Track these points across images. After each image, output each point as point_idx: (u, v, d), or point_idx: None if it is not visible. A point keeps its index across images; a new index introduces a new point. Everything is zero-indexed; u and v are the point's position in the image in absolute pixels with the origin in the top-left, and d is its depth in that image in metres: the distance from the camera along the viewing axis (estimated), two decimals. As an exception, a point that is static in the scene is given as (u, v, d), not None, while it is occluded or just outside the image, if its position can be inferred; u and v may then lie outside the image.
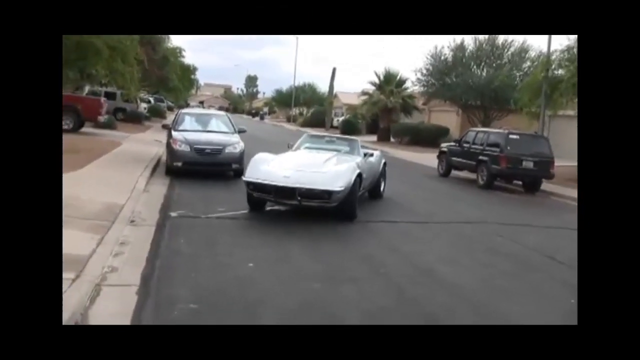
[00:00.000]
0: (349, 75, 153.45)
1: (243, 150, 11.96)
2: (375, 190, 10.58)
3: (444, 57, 29.72)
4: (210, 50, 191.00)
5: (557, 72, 17.90)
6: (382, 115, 33.65)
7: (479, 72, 29.27)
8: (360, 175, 8.51)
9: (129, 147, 15.79)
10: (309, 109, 60.61)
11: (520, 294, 5.64)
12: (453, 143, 17.05)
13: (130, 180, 9.84)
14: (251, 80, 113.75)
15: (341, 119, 45.16)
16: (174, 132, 12.31)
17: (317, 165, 8.50)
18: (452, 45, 29.52)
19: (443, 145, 17.70)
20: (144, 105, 34.31)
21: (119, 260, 5.43)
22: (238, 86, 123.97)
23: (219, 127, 13.32)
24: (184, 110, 15.62)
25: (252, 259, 5.93)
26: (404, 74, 35.80)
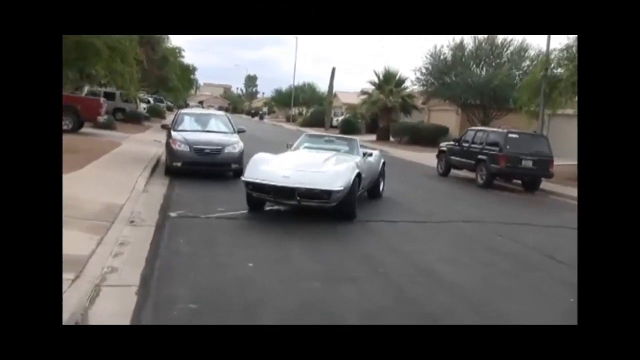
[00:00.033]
0: (349, 75, 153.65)
1: (242, 150, 11.96)
2: (375, 190, 10.58)
3: (443, 57, 29.73)
4: (210, 50, 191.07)
5: (556, 71, 17.91)
6: (382, 115, 33.66)
7: (478, 71, 29.27)
8: (359, 175, 8.50)
9: (129, 148, 15.79)
10: (309, 108, 60.59)
11: (520, 293, 5.65)
12: (452, 142, 17.05)
13: (129, 180, 9.84)
14: (251, 80, 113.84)
15: (341, 118, 45.16)
16: (173, 132, 12.32)
17: (317, 165, 8.50)
18: (451, 45, 29.56)
19: (442, 144, 17.70)
20: (144, 105, 34.30)
21: (119, 260, 5.44)
22: (237, 86, 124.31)
23: (218, 127, 13.32)
24: (184, 111, 15.63)
25: (251, 258, 5.94)
26: (403, 73, 36.00)
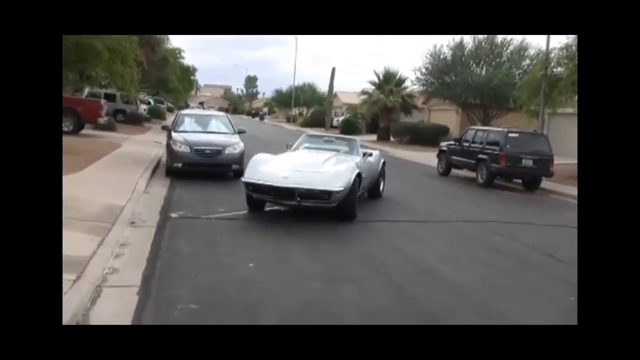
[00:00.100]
0: (349, 75, 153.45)
1: (243, 151, 11.97)
2: (375, 190, 10.59)
3: (443, 56, 29.76)
4: (210, 50, 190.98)
5: (556, 70, 17.91)
6: (382, 115, 33.67)
7: (478, 70, 29.29)
8: (359, 175, 8.50)
9: (129, 149, 15.81)
10: (309, 109, 60.58)
11: (520, 292, 5.65)
12: (453, 142, 17.07)
13: (130, 181, 9.86)
14: (251, 81, 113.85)
15: (341, 118, 45.17)
16: (173, 133, 12.34)
17: (316, 166, 8.50)
18: (451, 44, 29.60)
19: (443, 144, 17.71)
20: (144, 106, 34.31)
21: (120, 261, 5.46)
22: (238, 87, 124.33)
23: (218, 128, 13.34)
24: (184, 112, 15.63)
25: (252, 259, 5.95)
26: (403, 73, 35.92)
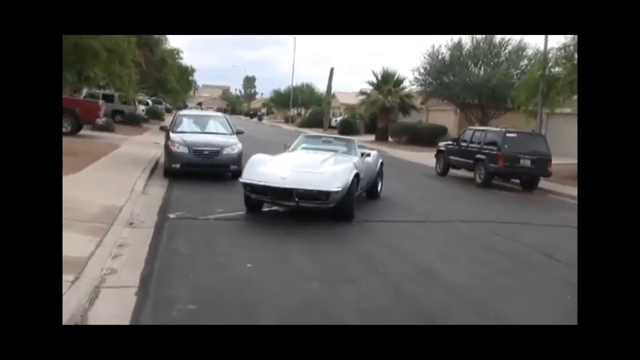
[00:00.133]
0: (349, 76, 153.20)
1: (241, 152, 11.97)
2: (373, 190, 10.59)
3: (441, 56, 29.76)
4: (208, 50, 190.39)
5: (554, 70, 17.94)
6: (380, 115, 33.69)
7: (476, 70, 29.31)
8: (357, 176, 8.50)
9: (127, 150, 15.80)
10: (307, 109, 60.61)
11: (518, 292, 5.66)
12: (451, 142, 17.08)
13: (128, 182, 9.85)
14: (249, 81, 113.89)
15: (339, 119, 45.19)
16: (172, 134, 12.34)
17: (314, 166, 8.49)
18: (449, 44, 29.61)
19: (441, 144, 17.73)
20: (142, 107, 34.29)
21: (118, 262, 5.46)
22: (236, 87, 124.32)
23: (216, 129, 13.34)
24: (182, 112, 15.61)
25: (250, 259, 5.95)
26: (402, 73, 36.01)
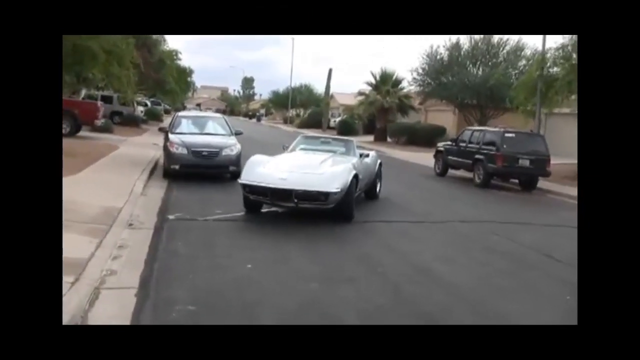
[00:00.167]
0: (349, 76, 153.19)
1: (240, 153, 11.98)
2: (371, 191, 10.60)
3: (439, 57, 29.80)
4: (207, 51, 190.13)
5: (552, 70, 17.98)
6: (379, 116, 33.72)
7: (474, 71, 29.36)
8: (356, 176, 8.50)
9: (126, 151, 15.81)
10: (306, 110, 60.62)
11: (517, 292, 5.67)
12: (449, 142, 17.10)
13: (127, 183, 9.86)
14: (248, 82, 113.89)
15: (338, 119, 45.21)
16: (171, 135, 12.35)
17: (313, 167, 8.50)
18: (447, 45, 29.66)
19: (440, 144, 17.75)
20: (141, 108, 34.29)
21: (118, 263, 5.47)
22: (235, 88, 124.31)
23: (215, 130, 13.35)
24: (181, 113, 15.62)
25: (249, 260, 5.96)
26: (400, 73, 35.92)
